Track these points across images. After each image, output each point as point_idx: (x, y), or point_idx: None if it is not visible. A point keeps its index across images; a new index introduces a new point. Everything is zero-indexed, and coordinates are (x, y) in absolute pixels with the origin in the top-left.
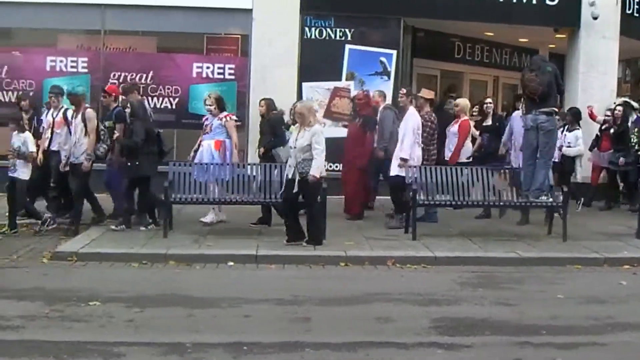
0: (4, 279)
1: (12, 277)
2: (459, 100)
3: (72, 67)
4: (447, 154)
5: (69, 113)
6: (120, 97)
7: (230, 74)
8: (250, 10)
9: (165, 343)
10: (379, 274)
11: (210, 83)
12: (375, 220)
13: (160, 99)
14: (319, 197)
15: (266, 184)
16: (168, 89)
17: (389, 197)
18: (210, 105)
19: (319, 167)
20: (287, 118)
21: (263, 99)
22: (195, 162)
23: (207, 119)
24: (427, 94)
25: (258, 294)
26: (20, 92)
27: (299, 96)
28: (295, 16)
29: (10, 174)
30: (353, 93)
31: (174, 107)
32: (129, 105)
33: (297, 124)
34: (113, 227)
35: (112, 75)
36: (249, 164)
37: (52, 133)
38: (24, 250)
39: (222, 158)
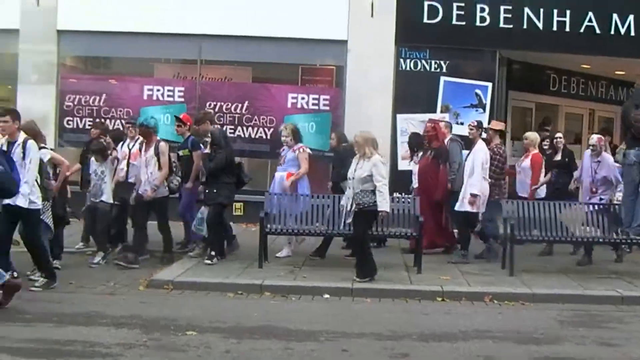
0: (102, 306)
1: (109, 304)
2: (528, 134)
3: (168, 96)
4: (518, 190)
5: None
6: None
7: (324, 105)
8: (345, 42)
9: None
10: (476, 310)
11: (305, 113)
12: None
13: (255, 129)
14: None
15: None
16: (263, 119)
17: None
18: (286, 136)
19: (387, 201)
20: None
21: (334, 132)
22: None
23: (283, 149)
24: (496, 125)
25: (355, 327)
26: (97, 120)
27: (394, 128)
28: (390, 48)
29: (94, 200)
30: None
31: (268, 137)
32: (209, 134)
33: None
34: (207, 261)
35: (207, 105)
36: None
37: (127, 165)
38: (120, 277)
39: (293, 190)
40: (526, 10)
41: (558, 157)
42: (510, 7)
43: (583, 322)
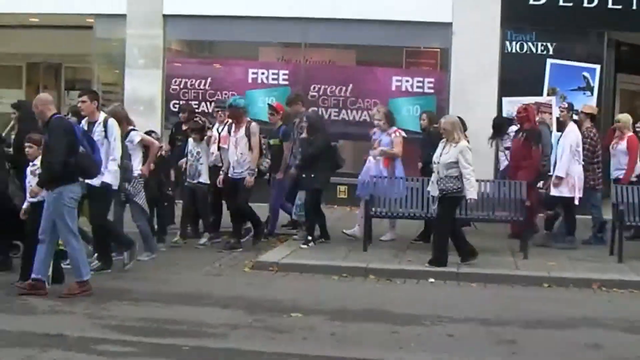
0: (209, 286)
1: (216, 285)
2: (620, 116)
3: (273, 79)
4: (614, 173)
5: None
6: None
7: (429, 88)
8: (450, 24)
9: (368, 359)
10: (583, 297)
11: (409, 97)
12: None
13: (359, 112)
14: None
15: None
16: (367, 102)
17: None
18: (379, 120)
19: (474, 188)
20: None
21: (424, 112)
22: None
23: (374, 133)
24: (587, 108)
25: (461, 312)
26: (184, 103)
27: (499, 111)
28: (496, 30)
29: (191, 181)
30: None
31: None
32: (305, 118)
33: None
34: (303, 245)
35: (312, 88)
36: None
37: (218, 148)
38: (226, 258)
39: (391, 175)
40: None
41: None
42: None
43: None
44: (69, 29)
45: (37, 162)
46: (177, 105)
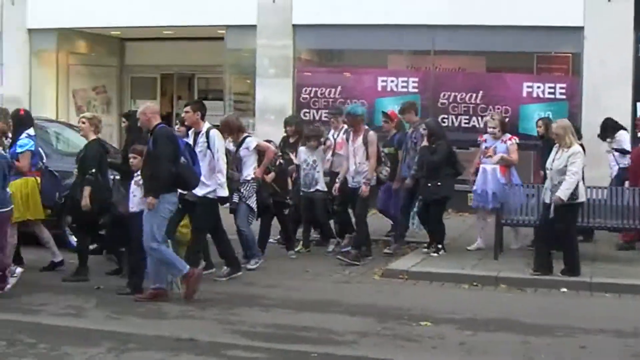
0: (339, 293)
1: (345, 292)
2: None
3: (402, 87)
4: None
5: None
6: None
7: (561, 94)
8: (582, 28)
9: None
10: None
11: (541, 103)
12: None
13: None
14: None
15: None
16: (497, 108)
17: None
18: (493, 127)
19: (567, 190)
20: None
21: (540, 119)
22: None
23: (485, 140)
24: None
25: (594, 323)
26: (288, 116)
27: (634, 116)
28: (629, 34)
29: (306, 190)
30: None
31: None
32: (424, 125)
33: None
34: (433, 254)
35: (441, 95)
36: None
37: (333, 155)
38: (357, 266)
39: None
40: None
41: None
42: None
43: None
44: (201, 41)
45: None
46: (307, 114)
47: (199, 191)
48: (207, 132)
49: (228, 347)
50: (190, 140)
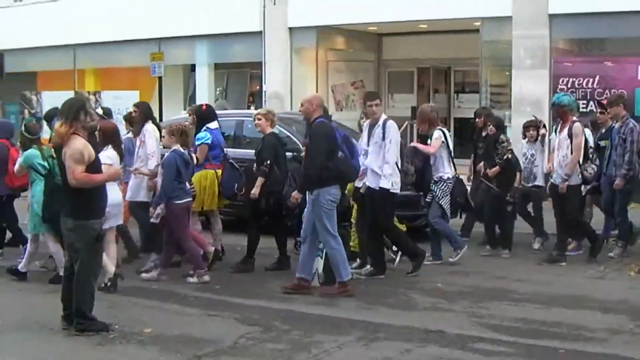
0: (591, 289)
1: (598, 288)
2: None
3: None
4: None
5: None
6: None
7: None
8: None
9: None
10: None
11: None
12: None
13: None
14: None
15: None
16: None
17: None
18: None
19: None
20: None
21: None
22: None
23: None
24: None
25: None
26: (478, 108)
27: None
28: None
29: (525, 184)
30: None
31: None
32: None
33: None
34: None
35: None
36: None
37: None
38: (611, 261)
39: None
40: None
41: None
42: None
43: None
44: (457, 33)
45: None
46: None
47: (372, 182)
48: (384, 123)
49: (474, 340)
50: (365, 132)
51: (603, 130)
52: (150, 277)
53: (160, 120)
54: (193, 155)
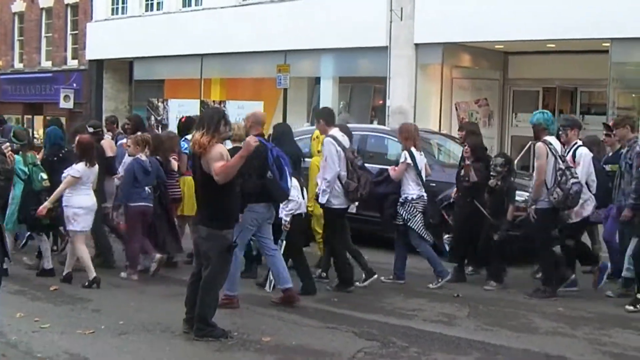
0: None
1: None
2: None
3: None
4: None
5: None
6: None
7: None
8: None
9: None
10: None
11: None
12: None
13: None
14: None
15: None
16: None
17: None
18: None
19: None
20: None
21: None
22: None
23: None
24: None
25: None
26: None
27: None
28: None
29: None
30: None
31: None
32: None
33: None
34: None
35: None
36: None
37: None
38: None
39: None
40: None
41: None
42: None
43: None
44: (584, 54)
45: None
46: None
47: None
48: (324, 141)
49: None
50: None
51: (610, 154)
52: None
53: None
54: (175, 162)
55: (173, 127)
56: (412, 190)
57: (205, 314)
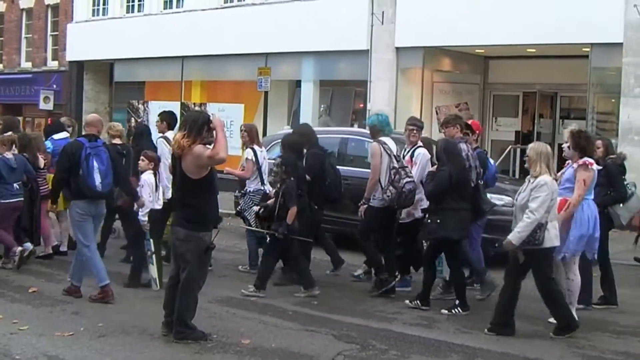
0: None
1: None
2: None
3: None
4: None
5: None
6: None
7: None
8: None
9: None
10: None
11: None
12: None
13: None
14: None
15: None
16: None
17: None
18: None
19: (519, 235)
20: None
21: (599, 138)
22: None
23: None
24: None
25: None
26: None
27: None
28: None
29: None
30: None
31: None
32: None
33: None
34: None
35: None
36: None
37: None
38: None
39: None
40: None
41: None
42: None
43: None
44: (564, 59)
45: None
46: None
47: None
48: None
49: None
50: None
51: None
52: None
53: (264, 134)
54: (42, 160)
55: (153, 129)
56: (252, 183)
57: (185, 317)
